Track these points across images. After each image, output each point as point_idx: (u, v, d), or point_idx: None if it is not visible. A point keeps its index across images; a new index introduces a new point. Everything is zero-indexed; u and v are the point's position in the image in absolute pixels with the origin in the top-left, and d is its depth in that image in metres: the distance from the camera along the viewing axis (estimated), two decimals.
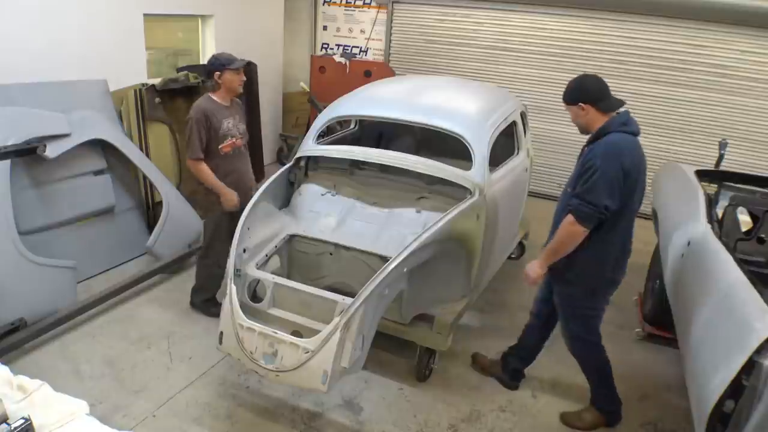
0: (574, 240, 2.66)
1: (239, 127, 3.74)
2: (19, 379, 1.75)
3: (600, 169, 2.55)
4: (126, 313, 3.96)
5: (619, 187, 2.57)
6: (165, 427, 2.96)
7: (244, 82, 3.66)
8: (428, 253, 2.98)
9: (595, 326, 2.98)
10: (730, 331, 2.29)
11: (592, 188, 2.56)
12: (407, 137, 4.84)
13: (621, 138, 2.63)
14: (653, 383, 3.56)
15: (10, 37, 4.09)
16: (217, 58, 3.55)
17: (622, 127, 2.66)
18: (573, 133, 7.05)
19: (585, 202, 2.58)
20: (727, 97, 6.12)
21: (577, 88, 2.76)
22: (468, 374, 3.55)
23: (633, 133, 2.68)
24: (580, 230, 2.62)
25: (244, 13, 6.66)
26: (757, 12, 5.66)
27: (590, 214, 2.58)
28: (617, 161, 2.56)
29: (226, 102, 3.65)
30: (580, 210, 2.59)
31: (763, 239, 3.37)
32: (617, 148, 2.59)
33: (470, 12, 7.06)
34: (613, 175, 2.55)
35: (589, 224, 2.61)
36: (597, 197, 2.55)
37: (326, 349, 2.52)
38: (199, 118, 3.48)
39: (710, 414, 2.18)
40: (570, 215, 2.63)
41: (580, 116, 2.76)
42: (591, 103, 2.70)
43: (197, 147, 3.50)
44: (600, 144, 2.64)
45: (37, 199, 3.96)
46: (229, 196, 3.62)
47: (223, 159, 3.63)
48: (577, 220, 2.61)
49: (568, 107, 2.82)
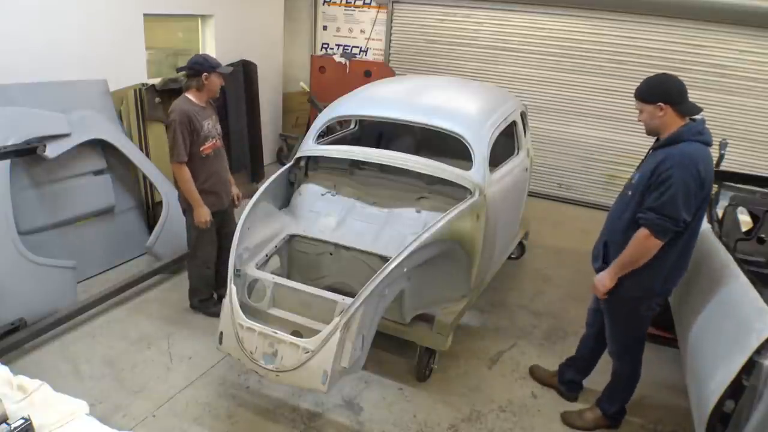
0: (649, 254, 2.56)
1: (217, 127, 3.74)
2: (19, 379, 1.75)
3: (678, 181, 2.44)
4: (126, 313, 3.96)
5: (695, 199, 2.48)
6: (165, 427, 2.96)
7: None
8: (428, 253, 2.98)
9: (635, 334, 2.91)
10: (730, 331, 2.30)
11: (670, 202, 2.46)
12: (407, 137, 4.84)
13: (696, 149, 2.51)
14: (653, 383, 3.55)
15: (10, 37, 4.09)
16: (206, 60, 3.53)
17: (697, 136, 2.53)
18: (573, 132, 7.05)
19: (663, 216, 2.47)
20: (727, 97, 6.12)
21: (658, 85, 2.60)
22: (468, 374, 3.55)
23: (707, 143, 2.56)
24: (656, 244, 2.52)
25: (244, 13, 6.65)
26: (756, 12, 5.66)
27: (667, 228, 2.49)
28: (695, 173, 2.45)
29: (203, 103, 3.63)
30: (658, 224, 2.49)
31: (763, 239, 3.38)
32: (693, 159, 2.47)
33: (470, 12, 7.06)
34: (691, 188, 2.45)
35: (665, 238, 2.52)
36: (676, 211, 2.45)
37: (326, 349, 2.53)
38: (183, 120, 3.44)
39: (710, 414, 2.18)
40: (644, 229, 2.52)
41: (655, 117, 2.59)
42: (672, 105, 2.55)
43: (182, 150, 3.47)
44: (675, 154, 2.50)
45: (37, 199, 3.96)
46: (202, 211, 3.60)
47: (204, 161, 3.62)
48: (654, 235, 2.50)
49: (642, 105, 2.64)
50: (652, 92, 2.58)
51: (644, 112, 2.63)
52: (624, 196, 2.75)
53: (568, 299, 4.49)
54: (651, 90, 2.60)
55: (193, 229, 3.75)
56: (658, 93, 2.56)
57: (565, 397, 3.37)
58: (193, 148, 3.54)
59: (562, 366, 3.40)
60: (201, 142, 3.56)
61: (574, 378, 3.34)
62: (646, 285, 2.68)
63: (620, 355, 2.98)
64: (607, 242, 2.79)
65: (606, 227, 2.85)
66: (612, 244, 2.76)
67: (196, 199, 3.59)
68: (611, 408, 3.08)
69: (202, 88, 3.57)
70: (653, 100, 2.57)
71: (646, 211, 2.53)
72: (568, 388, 3.36)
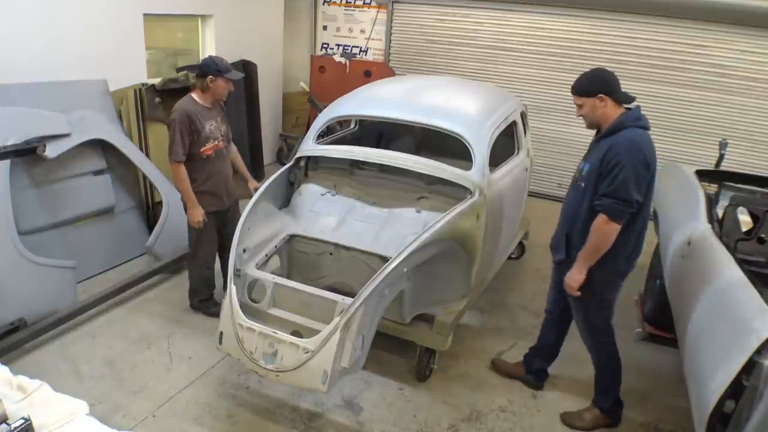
0: (610, 239, 2.69)
1: (221, 128, 3.71)
2: (19, 379, 1.75)
3: (627, 166, 2.58)
4: (126, 313, 3.96)
5: (644, 180, 2.63)
6: (165, 427, 2.96)
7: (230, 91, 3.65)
8: (428, 253, 2.97)
9: (606, 318, 3.00)
10: (731, 331, 2.29)
11: (622, 185, 2.60)
12: (407, 137, 4.84)
13: (638, 134, 2.66)
14: (653, 383, 3.55)
15: (10, 37, 4.09)
16: (216, 63, 3.51)
17: (637, 122, 2.69)
18: (573, 132, 7.08)
19: (617, 199, 2.61)
20: (727, 97, 6.12)
21: (597, 78, 2.74)
22: (468, 374, 3.55)
23: (645, 128, 2.72)
24: (614, 227, 2.66)
25: (244, 13, 6.65)
26: (756, 12, 5.66)
27: (623, 211, 2.63)
28: (641, 155, 2.60)
29: (208, 104, 3.62)
30: (613, 208, 2.62)
31: (763, 239, 3.37)
32: (637, 143, 2.63)
33: (470, 12, 7.06)
34: (639, 171, 2.60)
35: (622, 220, 2.65)
36: (628, 194, 2.59)
37: (326, 349, 2.52)
38: (183, 119, 3.44)
39: (710, 414, 2.18)
40: (602, 215, 2.65)
41: (598, 108, 2.73)
42: (610, 95, 2.70)
43: (179, 149, 3.46)
44: (620, 141, 2.65)
45: (37, 199, 3.96)
46: (195, 211, 3.61)
47: (204, 162, 3.61)
48: (611, 219, 2.64)
49: (583, 99, 2.77)
50: (593, 86, 2.72)
51: (585, 106, 2.76)
52: (577, 188, 2.86)
53: None
54: (591, 84, 2.73)
55: (191, 230, 3.76)
56: (598, 85, 2.71)
57: (532, 387, 3.44)
58: (193, 148, 3.53)
59: (528, 356, 3.47)
60: (202, 142, 3.56)
61: (542, 366, 3.43)
62: (612, 268, 2.82)
63: (596, 345, 3.08)
64: (568, 233, 2.90)
65: (563, 219, 2.97)
66: (573, 234, 2.87)
67: (190, 198, 3.59)
68: (606, 402, 3.12)
69: (207, 90, 3.56)
70: (594, 92, 2.71)
71: (601, 197, 2.67)
72: (537, 377, 3.44)
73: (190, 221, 3.66)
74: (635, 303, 4.45)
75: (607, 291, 2.92)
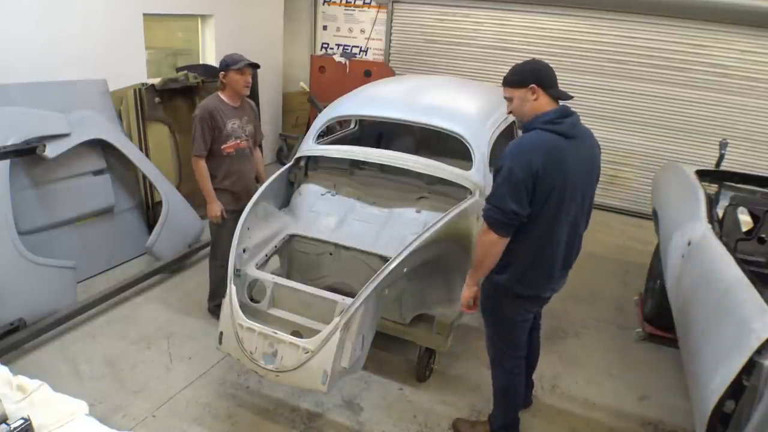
0: (492, 250, 2.38)
1: (246, 128, 3.70)
2: (19, 379, 1.74)
3: (505, 171, 2.27)
4: (126, 313, 3.96)
5: (527, 191, 2.27)
6: (165, 427, 2.96)
7: (249, 84, 3.62)
8: (428, 253, 2.97)
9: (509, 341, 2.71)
10: (731, 331, 2.29)
11: (497, 191, 2.30)
12: (407, 137, 4.84)
13: (538, 137, 2.31)
14: (653, 383, 3.55)
15: (10, 37, 4.09)
16: (225, 59, 3.55)
17: (548, 126, 2.32)
18: None
19: (492, 206, 2.31)
20: (728, 97, 6.12)
21: (529, 69, 2.41)
22: (468, 374, 3.55)
23: (560, 133, 2.32)
24: (494, 238, 2.33)
25: (244, 13, 6.65)
26: (757, 12, 5.66)
27: (500, 220, 2.29)
28: (526, 162, 2.25)
29: (235, 102, 3.63)
30: (489, 216, 2.32)
31: (763, 239, 3.37)
32: (525, 148, 2.30)
33: (470, 12, 7.07)
34: (518, 179, 2.24)
35: (502, 231, 2.32)
36: (502, 201, 2.28)
37: (326, 349, 2.52)
38: (204, 116, 3.48)
39: (711, 414, 2.18)
40: (485, 223, 2.36)
41: (528, 101, 2.38)
42: (544, 87, 2.36)
43: (200, 144, 3.51)
44: (512, 143, 2.37)
45: (37, 199, 3.96)
46: (213, 206, 3.62)
47: (224, 159, 3.62)
48: (490, 228, 2.33)
49: (513, 91, 2.43)
50: (524, 76, 2.39)
51: (515, 99, 2.43)
52: None
53: (568, 299, 4.48)
54: (522, 74, 2.41)
55: (211, 227, 3.77)
56: (529, 75, 2.38)
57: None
58: (213, 145, 3.56)
59: None
60: (223, 140, 3.57)
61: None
62: (499, 283, 2.51)
63: (493, 362, 2.83)
64: None
65: None
66: None
67: (209, 193, 3.61)
68: (495, 423, 2.90)
69: (225, 86, 3.58)
70: (525, 83, 2.38)
71: (486, 202, 2.38)
72: None
73: (207, 215, 3.66)
74: (635, 303, 4.46)
75: (501, 309, 2.62)
